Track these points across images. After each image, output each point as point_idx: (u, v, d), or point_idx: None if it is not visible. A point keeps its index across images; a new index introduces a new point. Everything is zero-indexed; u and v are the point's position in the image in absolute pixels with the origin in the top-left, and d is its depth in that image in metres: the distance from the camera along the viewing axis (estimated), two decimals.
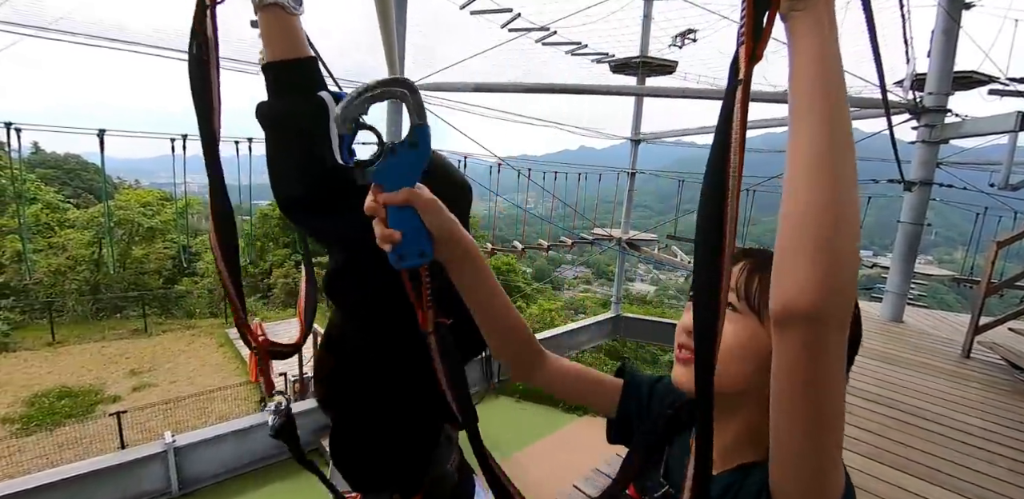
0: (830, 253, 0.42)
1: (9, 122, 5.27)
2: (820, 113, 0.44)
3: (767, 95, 7.14)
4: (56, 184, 24.13)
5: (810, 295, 0.42)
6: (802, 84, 0.45)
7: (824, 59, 0.45)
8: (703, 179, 0.46)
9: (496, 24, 7.05)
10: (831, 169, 0.43)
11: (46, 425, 8.23)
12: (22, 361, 11.21)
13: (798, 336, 0.44)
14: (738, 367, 0.59)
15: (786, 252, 0.44)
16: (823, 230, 0.42)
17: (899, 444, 2.80)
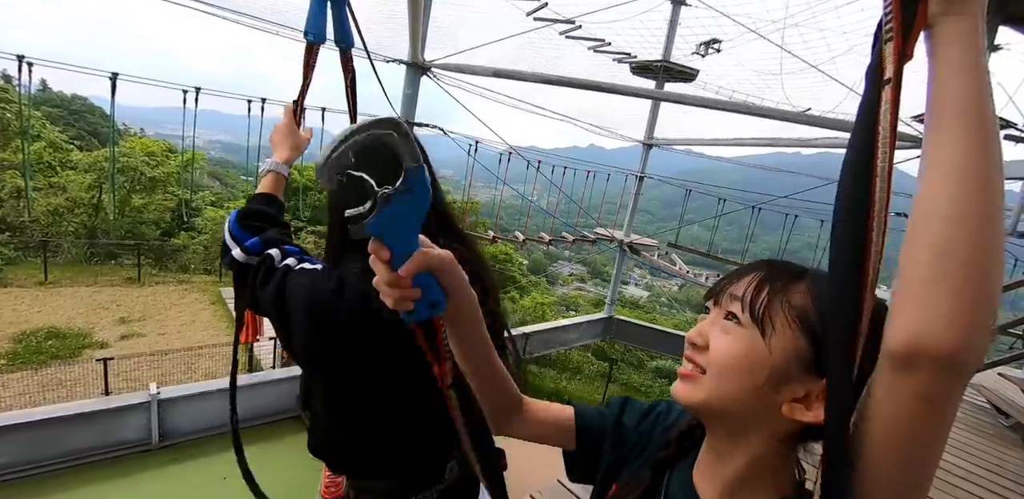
0: (981, 284, 0.36)
1: (21, 55, 5.14)
2: (974, 129, 0.38)
3: (784, 114, 7.14)
4: (61, 124, 23.87)
5: (950, 333, 0.36)
6: (952, 98, 0.39)
7: (979, 70, 0.39)
8: (837, 193, 0.42)
9: (522, 11, 6.97)
10: (990, 189, 0.37)
11: (32, 364, 8.25)
12: (12, 298, 11.18)
13: (920, 382, 0.37)
14: (732, 383, 0.54)
15: (924, 281, 0.37)
16: (977, 256, 0.36)
17: None
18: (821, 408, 0.49)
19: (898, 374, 0.38)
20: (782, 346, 0.52)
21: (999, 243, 0.37)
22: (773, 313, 0.53)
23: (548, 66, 9.17)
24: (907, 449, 0.40)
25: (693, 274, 11.79)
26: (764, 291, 0.55)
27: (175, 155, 18.60)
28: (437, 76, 6.56)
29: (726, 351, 0.55)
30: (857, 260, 0.40)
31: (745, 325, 0.55)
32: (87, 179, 16.42)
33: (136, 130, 35.31)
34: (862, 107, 0.41)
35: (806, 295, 0.53)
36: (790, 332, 0.52)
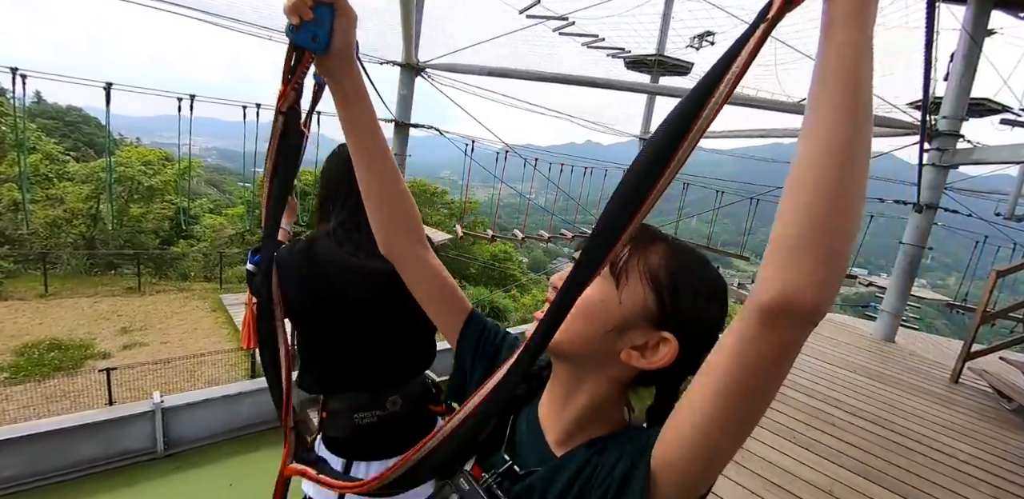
0: (844, 251, 0.41)
1: (15, 68, 5.13)
2: (854, 103, 0.41)
3: (778, 104, 7.12)
4: (56, 136, 23.87)
5: (816, 294, 0.40)
6: (838, 69, 0.42)
7: (867, 46, 0.42)
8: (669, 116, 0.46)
9: (514, 9, 6.96)
10: (858, 164, 0.41)
11: (34, 376, 8.24)
12: (13, 311, 11.18)
13: (784, 333, 0.42)
14: (582, 325, 0.59)
15: (798, 247, 0.41)
16: (843, 226, 0.41)
17: (882, 461, 2.87)
18: (655, 357, 0.57)
19: (766, 325, 0.42)
20: (632, 299, 0.58)
21: (860, 214, 0.42)
22: (630, 268, 0.59)
23: (542, 63, 9.15)
24: (760, 384, 0.45)
25: None
26: (627, 248, 0.60)
27: (172, 163, 18.60)
28: (431, 76, 6.55)
29: (583, 296, 0.56)
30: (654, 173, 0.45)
31: (603, 276, 0.60)
32: (84, 190, 16.42)
33: (132, 139, 35.35)
34: (738, 40, 0.44)
35: (661, 257, 0.59)
36: (640, 287, 0.58)
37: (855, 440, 3.08)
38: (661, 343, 0.57)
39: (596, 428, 0.64)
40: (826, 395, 3.79)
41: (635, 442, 0.58)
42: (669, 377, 0.63)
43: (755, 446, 2.91)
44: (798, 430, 3.15)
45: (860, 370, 4.50)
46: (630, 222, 0.45)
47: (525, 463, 0.65)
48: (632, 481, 0.52)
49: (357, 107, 0.71)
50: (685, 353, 0.58)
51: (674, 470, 0.50)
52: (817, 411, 3.49)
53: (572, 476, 0.59)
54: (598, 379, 0.62)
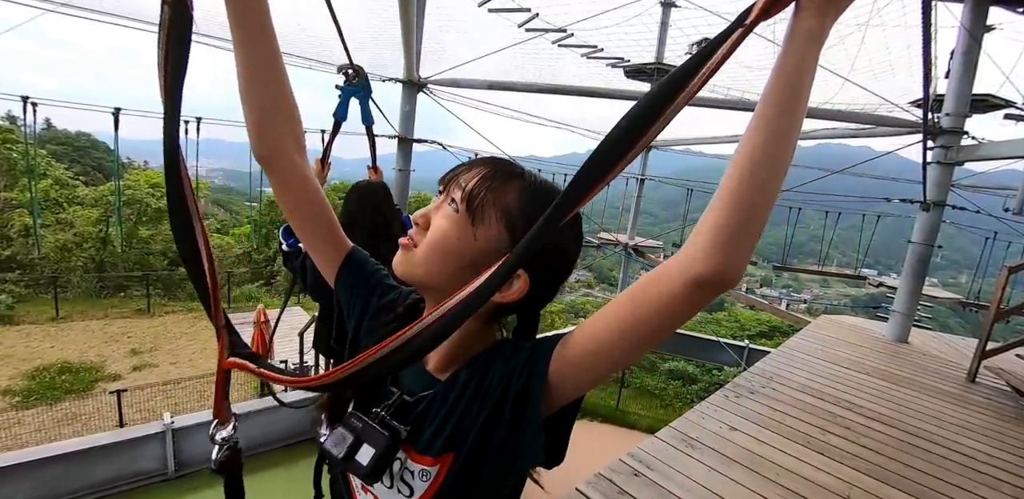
0: (759, 232, 0.49)
1: (26, 96, 5.30)
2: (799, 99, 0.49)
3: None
4: (66, 161, 24.24)
5: (741, 271, 0.49)
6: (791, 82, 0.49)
7: (814, 63, 0.49)
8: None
9: (513, 23, 7.06)
10: (783, 162, 0.48)
11: (46, 399, 8.28)
12: (25, 335, 11.27)
13: (703, 296, 0.50)
14: (438, 260, 0.63)
15: (739, 232, 0.48)
16: (763, 215, 0.49)
17: (900, 464, 2.81)
18: (508, 291, 0.61)
19: (696, 290, 0.49)
20: (486, 235, 0.62)
21: (774, 200, 0.49)
22: (486, 206, 0.62)
23: (543, 75, 9.24)
24: (661, 329, 0.53)
25: None
26: (484, 186, 0.62)
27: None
28: (433, 92, 6.62)
29: (440, 232, 0.63)
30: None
31: (461, 213, 0.63)
32: (94, 213, 16.65)
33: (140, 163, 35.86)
34: (713, 40, 0.48)
35: (518, 195, 0.63)
36: (495, 224, 0.62)
37: (871, 443, 3.02)
38: (514, 279, 0.61)
39: (471, 351, 0.68)
40: (840, 398, 3.73)
41: (519, 356, 0.63)
42: (528, 307, 0.69)
43: (770, 452, 2.86)
44: (813, 435, 3.10)
45: (874, 372, 4.43)
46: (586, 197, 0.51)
47: (411, 392, 0.68)
48: (531, 390, 0.59)
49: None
50: (537, 285, 0.63)
51: (565, 375, 0.58)
52: (832, 415, 3.43)
53: (459, 393, 0.64)
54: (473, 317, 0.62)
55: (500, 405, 0.61)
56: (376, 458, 0.61)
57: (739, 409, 3.44)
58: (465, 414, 0.63)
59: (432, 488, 0.65)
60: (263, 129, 0.69)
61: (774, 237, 33.71)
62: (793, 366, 4.44)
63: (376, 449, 0.62)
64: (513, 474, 0.66)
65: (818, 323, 6.43)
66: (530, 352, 0.62)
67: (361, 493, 0.74)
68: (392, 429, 0.64)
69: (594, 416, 8.40)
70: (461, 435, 0.63)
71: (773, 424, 3.25)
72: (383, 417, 0.65)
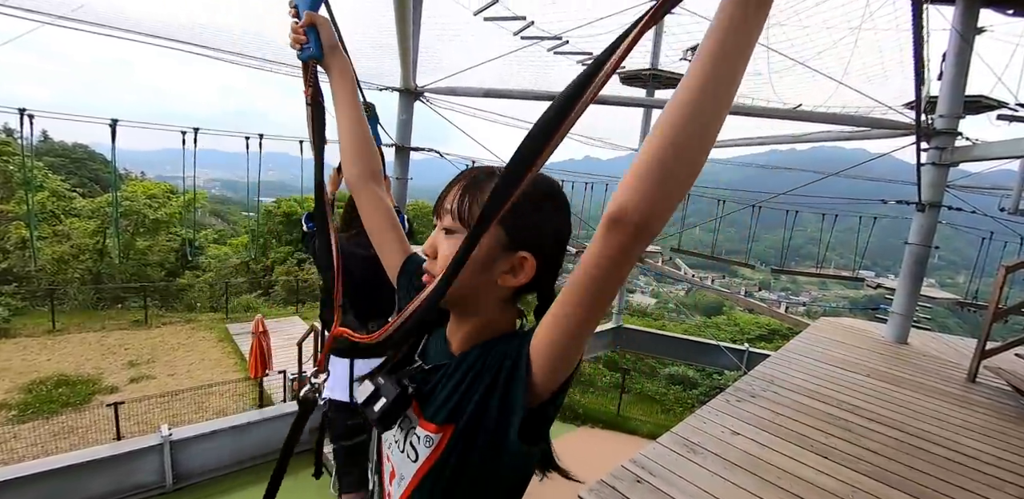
0: (680, 179, 0.51)
1: (23, 108, 5.29)
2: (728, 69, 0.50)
3: (773, 111, 7.18)
4: (63, 173, 24.22)
5: (645, 210, 0.51)
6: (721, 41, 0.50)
7: (742, 24, 0.49)
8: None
9: (508, 31, 7.11)
10: (716, 117, 0.50)
11: (43, 413, 8.20)
12: (22, 348, 11.18)
13: (619, 238, 0.53)
14: (460, 279, 0.67)
15: (647, 169, 0.50)
16: (696, 160, 0.51)
17: (902, 465, 2.80)
18: (522, 273, 0.72)
19: (608, 231, 0.53)
20: (486, 238, 0.66)
21: (704, 157, 0.52)
22: (474, 213, 0.70)
23: (538, 81, 9.28)
24: (601, 278, 0.56)
25: (699, 278, 11.73)
26: (465, 198, 0.72)
27: (176, 196, 18.82)
28: (430, 100, 6.64)
29: (449, 252, 0.72)
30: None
31: (459, 230, 0.72)
32: (91, 225, 16.60)
33: (137, 174, 35.86)
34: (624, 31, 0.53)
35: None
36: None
37: (873, 445, 3.01)
38: (523, 262, 0.71)
39: (488, 335, 0.77)
40: (841, 401, 3.72)
41: (516, 340, 0.70)
42: (541, 283, 0.76)
43: (771, 456, 2.85)
44: (814, 438, 3.09)
45: (874, 374, 4.43)
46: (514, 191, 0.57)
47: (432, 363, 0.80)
48: (517, 368, 0.65)
49: (347, 78, 0.99)
50: (545, 261, 0.73)
51: (542, 354, 0.64)
52: (833, 417, 3.42)
53: (466, 369, 0.73)
54: (485, 305, 0.76)
55: (494, 383, 0.68)
56: (385, 406, 0.72)
57: (740, 413, 3.43)
58: (468, 388, 0.70)
59: (433, 456, 0.72)
60: (355, 168, 0.99)
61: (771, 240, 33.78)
62: (793, 369, 4.43)
63: (387, 399, 0.73)
64: (503, 454, 0.69)
65: (817, 325, 6.42)
66: (526, 334, 0.69)
67: (386, 461, 0.84)
68: (403, 385, 0.74)
69: (595, 422, 8.34)
70: (462, 407, 0.70)
71: (774, 427, 3.23)
72: (399, 377, 0.76)
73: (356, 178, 1.00)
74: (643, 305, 26.77)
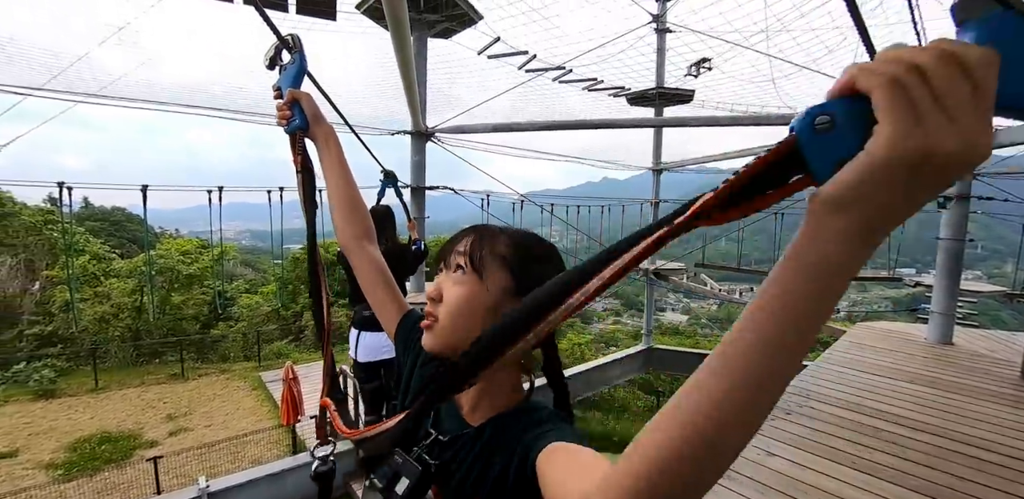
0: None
1: (61, 182, 5.72)
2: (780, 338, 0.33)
3: (786, 118, 7.13)
4: (103, 235, 25.44)
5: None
6: (783, 290, 0.33)
7: (831, 279, 0.32)
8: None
9: (513, 66, 7.35)
10: (752, 422, 0.36)
11: (87, 470, 8.35)
12: (67, 407, 11.51)
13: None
14: (463, 320, 0.72)
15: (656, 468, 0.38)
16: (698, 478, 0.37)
17: (953, 477, 2.60)
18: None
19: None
20: (495, 283, 0.72)
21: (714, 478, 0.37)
22: (487, 261, 0.73)
23: (548, 111, 9.47)
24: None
25: (727, 291, 11.45)
26: (478, 246, 0.74)
27: (207, 250, 19.51)
28: (441, 140, 6.80)
29: (456, 295, 0.73)
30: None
31: (468, 273, 0.73)
32: (129, 284, 17.27)
33: (171, 231, 37.43)
34: (635, 235, 0.42)
35: (507, 244, 0.75)
36: (499, 272, 0.73)
37: (920, 457, 2.81)
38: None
39: (497, 396, 0.76)
40: (882, 411, 3.52)
41: (528, 425, 0.69)
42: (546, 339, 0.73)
43: (810, 476, 2.69)
44: (855, 453, 2.91)
45: (917, 379, 4.19)
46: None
47: (447, 432, 0.78)
48: (523, 474, 0.62)
49: (332, 145, 1.05)
50: None
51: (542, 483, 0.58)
52: (874, 429, 3.23)
53: (481, 447, 0.72)
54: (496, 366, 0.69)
55: (505, 471, 0.66)
56: (409, 489, 0.70)
57: (775, 432, 3.27)
58: (484, 471, 0.69)
59: None
60: (347, 230, 1.04)
61: None
62: (830, 380, 4.23)
63: (410, 480, 0.70)
64: None
65: (854, 331, 6.16)
66: (535, 430, 0.66)
67: None
68: (424, 463, 0.72)
69: (622, 448, 8.01)
70: (481, 486, 0.68)
71: (812, 445, 3.07)
72: (419, 453, 0.74)
73: (348, 239, 1.03)
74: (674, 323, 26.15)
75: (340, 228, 1.05)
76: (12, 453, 9.40)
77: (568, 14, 7.11)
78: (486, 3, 6.31)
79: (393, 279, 1.03)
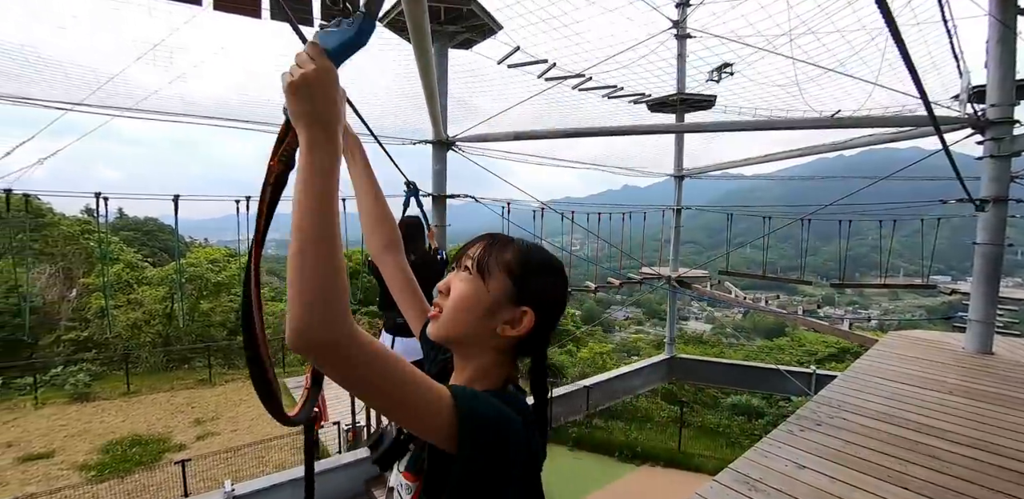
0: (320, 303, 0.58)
1: (98, 192, 5.98)
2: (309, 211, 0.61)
3: (813, 121, 7.00)
4: (136, 245, 26.26)
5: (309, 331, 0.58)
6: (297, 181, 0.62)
7: (307, 172, 0.63)
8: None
9: (532, 75, 7.39)
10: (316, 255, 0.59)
11: (118, 472, 8.58)
12: (100, 410, 11.87)
13: (312, 358, 0.60)
14: (462, 314, 0.79)
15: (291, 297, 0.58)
16: (315, 289, 0.58)
17: (993, 491, 2.48)
18: (521, 326, 0.79)
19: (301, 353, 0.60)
20: (496, 286, 0.79)
21: (331, 276, 0.59)
22: (491, 265, 0.80)
23: (568, 119, 9.48)
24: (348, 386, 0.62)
25: (752, 299, 11.19)
26: (488, 252, 0.81)
27: (236, 259, 19.96)
28: (462, 148, 6.86)
29: (459, 291, 0.81)
30: None
31: (473, 274, 0.80)
32: (160, 291, 17.76)
33: (200, 241, 38.43)
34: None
35: (514, 254, 0.81)
36: (501, 276, 0.79)
37: (960, 472, 2.69)
38: (524, 315, 0.79)
39: (479, 381, 0.82)
40: (919, 423, 3.38)
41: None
42: (537, 346, 0.84)
43: (842, 490, 2.60)
44: (889, 466, 2.80)
45: (957, 390, 4.02)
46: None
47: None
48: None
49: (358, 156, 1.11)
50: (542, 321, 0.80)
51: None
52: (911, 443, 3.10)
53: None
54: (481, 352, 0.82)
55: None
56: (382, 450, 0.82)
57: (806, 444, 3.17)
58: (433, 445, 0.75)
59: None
60: (376, 242, 1.11)
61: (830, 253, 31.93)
62: (863, 391, 4.10)
63: (385, 443, 0.82)
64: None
65: (887, 341, 5.96)
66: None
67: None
68: (400, 431, 0.82)
69: (655, 461, 7.83)
70: (424, 461, 0.76)
71: (845, 458, 2.96)
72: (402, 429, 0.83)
73: (378, 249, 1.11)
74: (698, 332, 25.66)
75: (368, 239, 1.11)
76: (49, 454, 9.72)
77: (587, 22, 7.11)
78: (506, 13, 6.38)
79: (418, 286, 1.10)
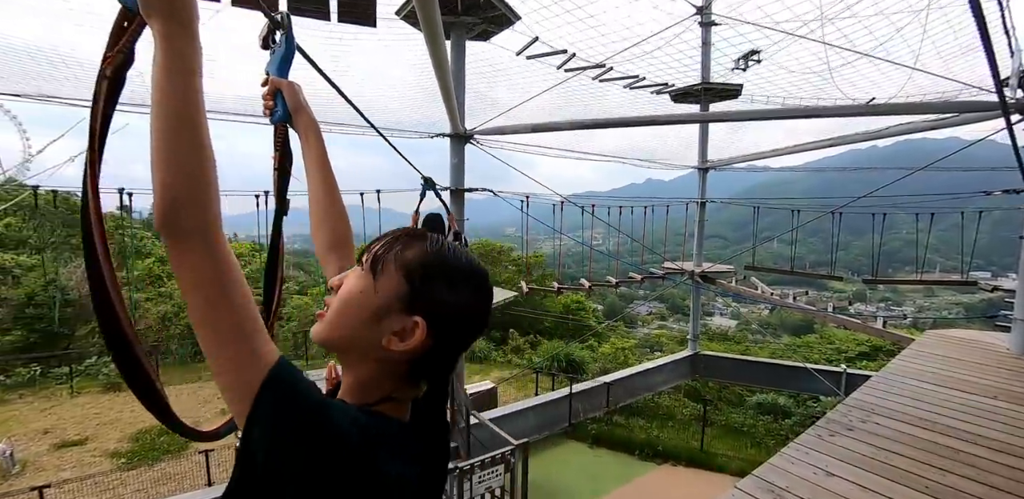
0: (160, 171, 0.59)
1: (122, 188, 6.16)
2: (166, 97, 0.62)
3: (844, 109, 6.68)
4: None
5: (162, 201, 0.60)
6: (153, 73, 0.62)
7: (165, 57, 0.62)
8: None
9: (552, 65, 7.24)
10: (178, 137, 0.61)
11: (147, 460, 8.86)
12: (131, 400, 12.13)
13: (171, 240, 0.60)
14: (347, 318, 0.70)
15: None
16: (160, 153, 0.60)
17: None
18: (411, 339, 0.67)
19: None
20: (386, 286, 0.68)
21: (197, 157, 0.62)
22: (385, 262, 0.70)
23: (588, 110, 9.31)
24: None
25: (779, 295, 10.87)
26: (386, 248, 0.71)
27: (260, 253, 20.35)
28: (480, 142, 6.79)
29: (346, 290, 0.72)
30: None
31: (365, 270, 0.71)
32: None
33: (230, 235, 39.36)
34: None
35: (418, 250, 0.70)
36: (396, 276, 0.68)
37: (1003, 483, 2.50)
38: (414, 327, 0.67)
39: (353, 393, 0.73)
40: (958, 429, 3.18)
41: None
42: (434, 370, 0.73)
43: (871, 498, 2.44)
44: (926, 475, 2.63)
45: (1001, 394, 3.78)
46: None
47: None
48: None
49: (312, 138, 1.02)
50: (441, 340, 0.69)
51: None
52: (949, 450, 2.91)
53: None
54: (362, 363, 0.72)
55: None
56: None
57: (835, 450, 3.02)
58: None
59: None
60: (318, 231, 1.01)
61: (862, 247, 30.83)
62: (897, 394, 3.89)
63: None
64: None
65: (924, 340, 5.68)
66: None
67: None
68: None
69: (676, 460, 7.66)
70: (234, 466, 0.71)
71: (877, 465, 2.80)
72: None
73: (321, 247, 0.99)
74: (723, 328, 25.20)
75: (313, 233, 1.00)
76: (83, 441, 10.12)
77: (609, 10, 6.90)
78: (524, 2, 6.23)
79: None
